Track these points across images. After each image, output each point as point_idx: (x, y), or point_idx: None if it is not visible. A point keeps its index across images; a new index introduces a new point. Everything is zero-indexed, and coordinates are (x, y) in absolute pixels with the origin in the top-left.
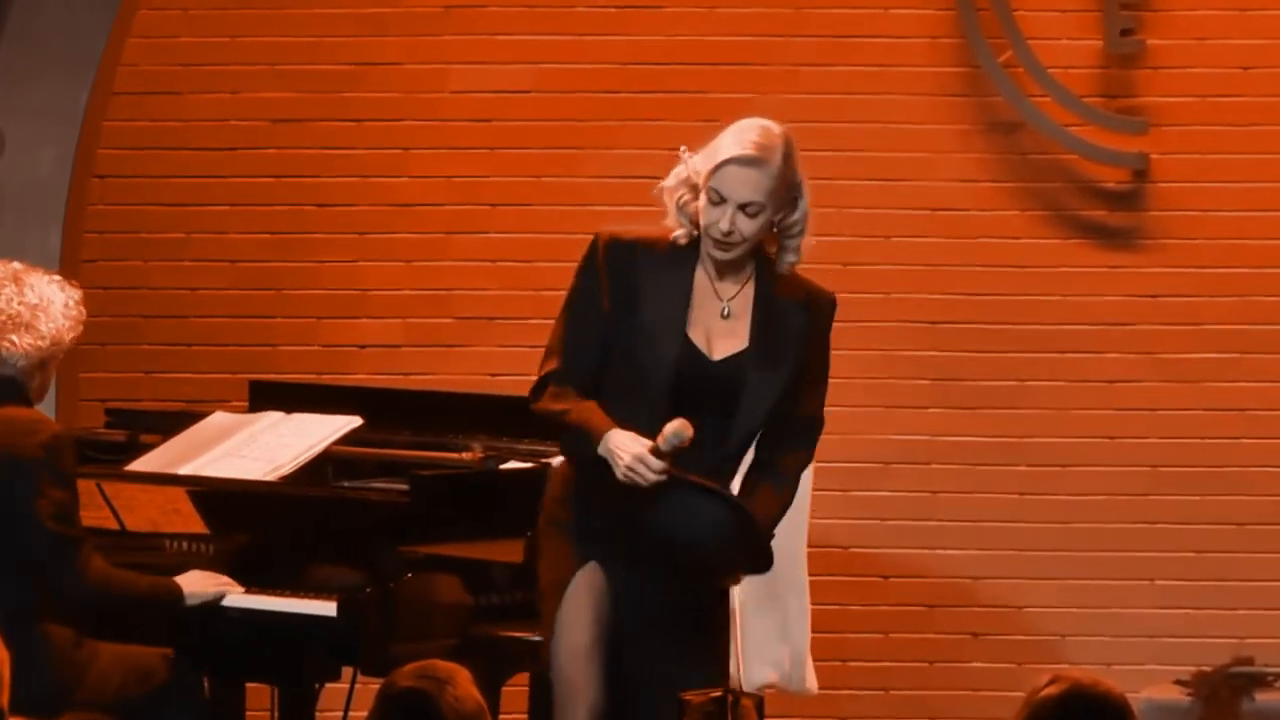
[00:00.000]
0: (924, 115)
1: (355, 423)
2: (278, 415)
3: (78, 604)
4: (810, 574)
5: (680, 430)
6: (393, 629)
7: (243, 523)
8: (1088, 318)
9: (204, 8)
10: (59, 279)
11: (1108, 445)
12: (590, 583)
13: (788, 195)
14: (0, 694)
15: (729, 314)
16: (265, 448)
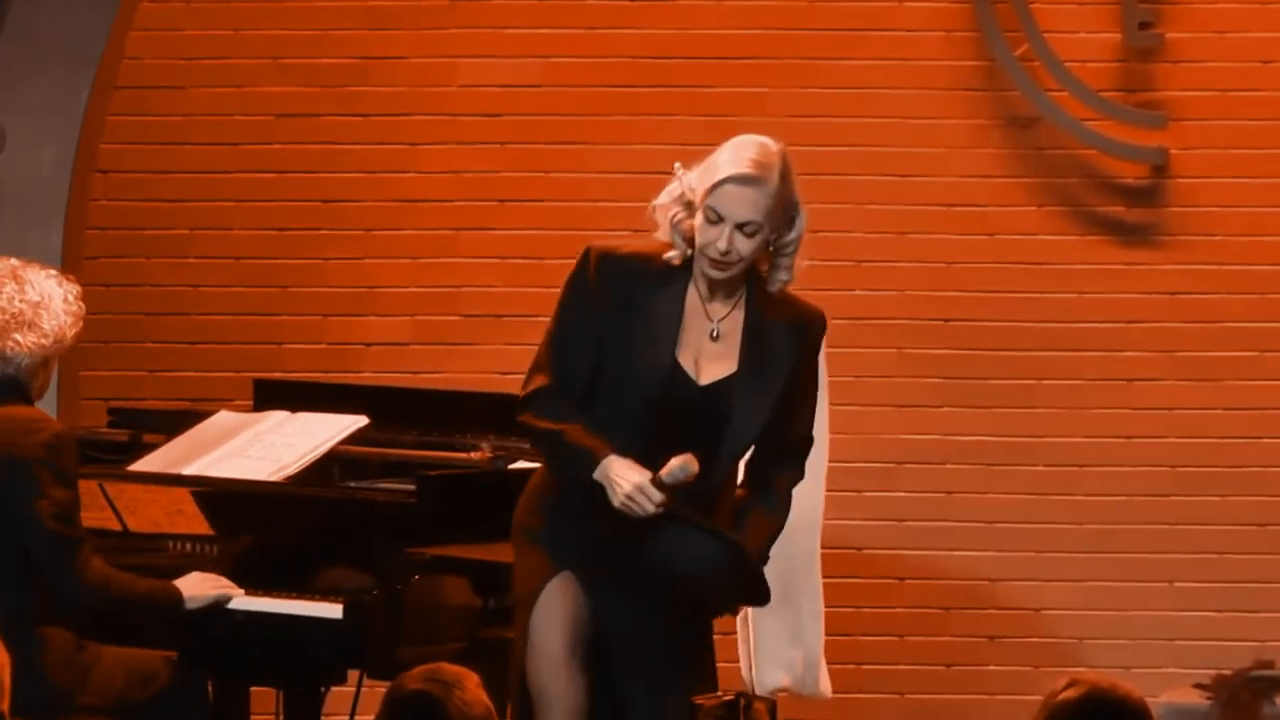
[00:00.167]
0: (939, 110)
1: (361, 422)
2: (283, 414)
3: (76, 605)
4: (823, 576)
5: (686, 465)
6: (399, 632)
7: (247, 524)
8: (1105, 315)
9: (207, 0)
10: (56, 274)
11: (1126, 445)
12: (564, 590)
13: (785, 215)
14: (1, 698)
15: (718, 335)
16: (270, 447)
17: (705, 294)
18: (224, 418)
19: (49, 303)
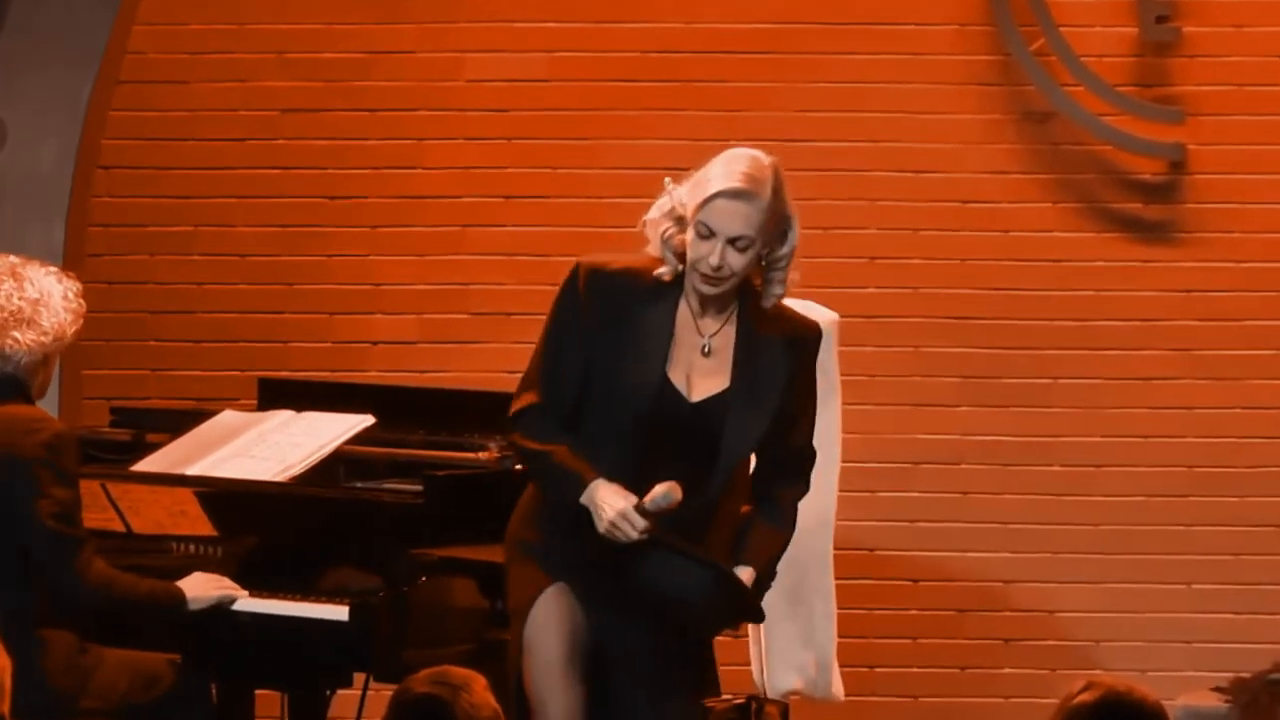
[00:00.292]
0: (953, 105)
1: (368, 421)
2: (288, 414)
3: (77, 606)
4: (836, 577)
5: (669, 493)
6: (406, 634)
7: (252, 525)
8: (1122, 313)
9: None
10: (57, 271)
11: (1143, 445)
12: (560, 601)
13: (777, 229)
14: (1, 701)
15: (710, 351)
16: (275, 447)
17: (697, 310)
18: (228, 417)
19: (48, 300)
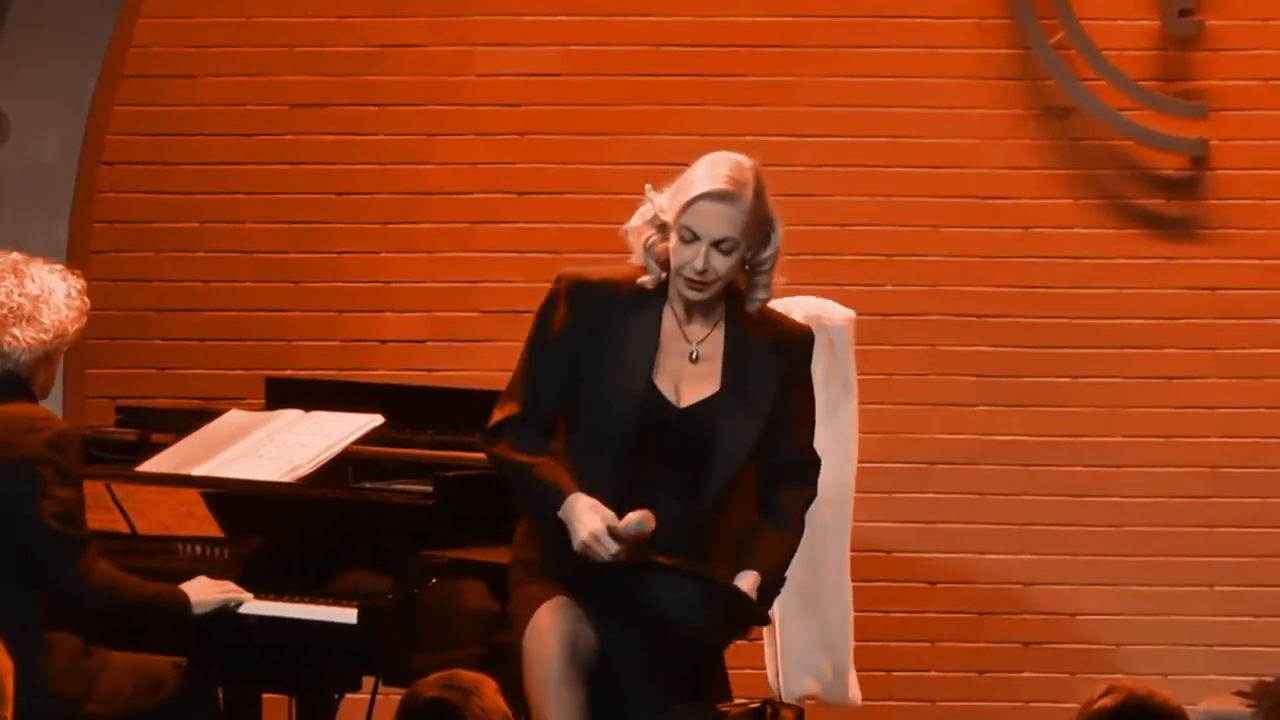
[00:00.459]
0: (972, 99)
1: (377, 421)
2: (296, 413)
3: (79, 608)
4: (853, 580)
5: (642, 522)
6: (415, 637)
7: (259, 526)
8: (1144, 311)
9: None
10: (61, 268)
11: (1165, 445)
12: (560, 610)
13: (760, 231)
14: (4, 706)
15: (698, 358)
16: (283, 447)
17: (682, 316)
18: (235, 417)
19: (50, 297)
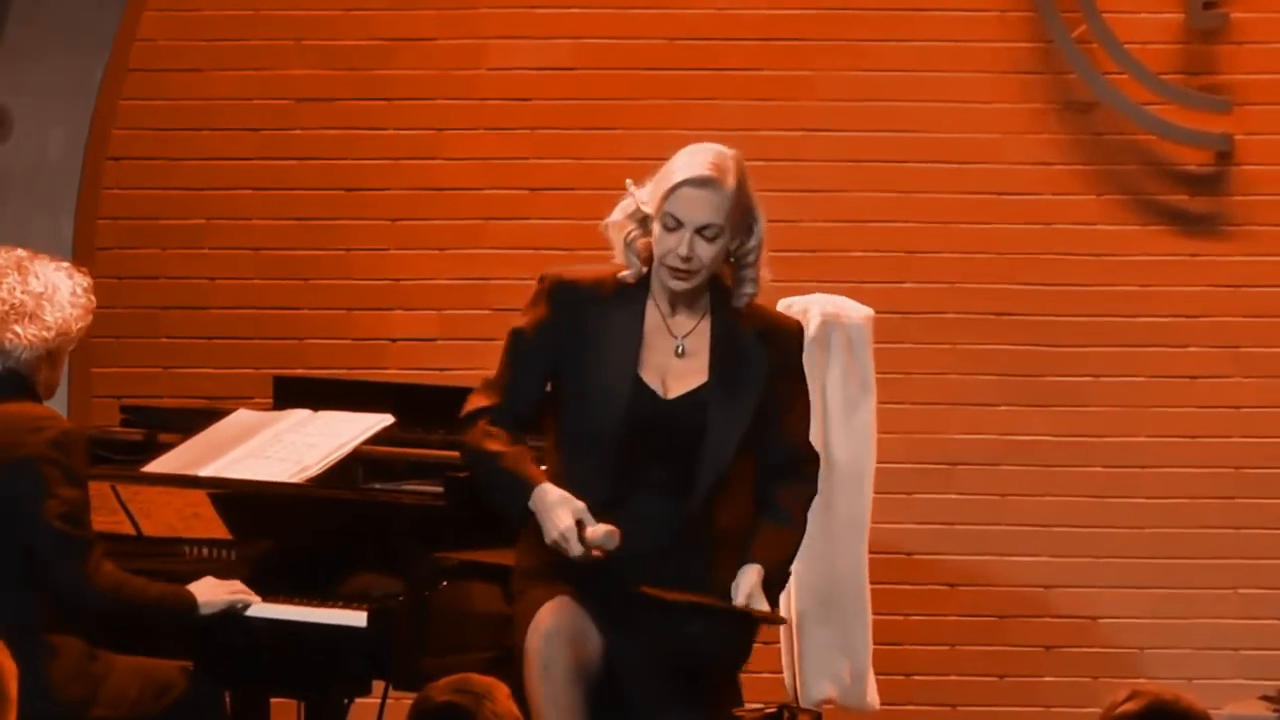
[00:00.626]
0: (993, 94)
1: (387, 421)
2: (304, 413)
3: (84, 610)
4: (871, 582)
5: (609, 536)
6: (426, 640)
7: (267, 528)
8: (1167, 309)
9: None
10: (67, 266)
11: (1189, 445)
12: (562, 611)
13: (743, 220)
14: (8, 710)
15: (684, 352)
16: (291, 448)
17: (667, 311)
18: (242, 416)
19: (53, 294)
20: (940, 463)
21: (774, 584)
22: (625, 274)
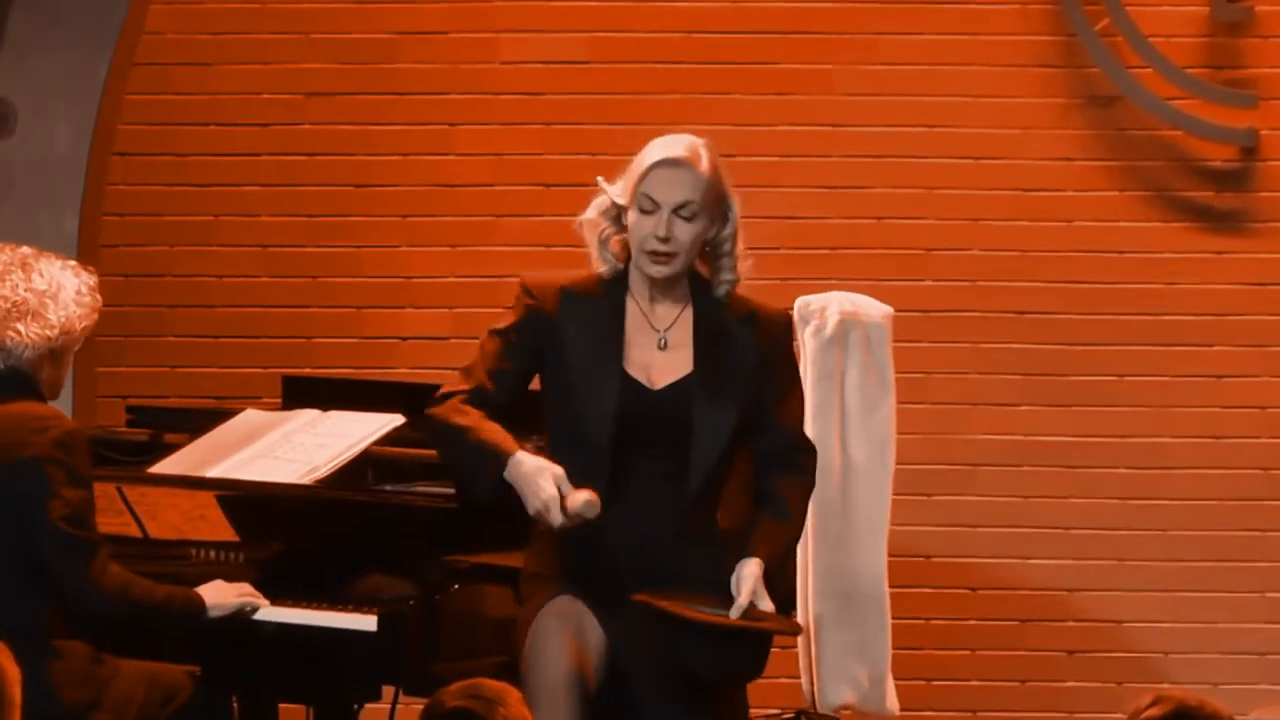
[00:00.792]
0: (1014, 88)
1: (398, 421)
2: (314, 413)
3: (89, 613)
4: (891, 586)
5: (589, 503)
6: (437, 645)
7: (276, 530)
8: (1192, 307)
9: None
10: (74, 264)
11: (1215, 445)
12: (566, 612)
13: (718, 207)
14: (11, 714)
15: (666, 344)
16: (300, 448)
17: (647, 305)
18: (251, 416)
19: (57, 293)
20: (961, 464)
21: (773, 577)
22: (601, 271)
